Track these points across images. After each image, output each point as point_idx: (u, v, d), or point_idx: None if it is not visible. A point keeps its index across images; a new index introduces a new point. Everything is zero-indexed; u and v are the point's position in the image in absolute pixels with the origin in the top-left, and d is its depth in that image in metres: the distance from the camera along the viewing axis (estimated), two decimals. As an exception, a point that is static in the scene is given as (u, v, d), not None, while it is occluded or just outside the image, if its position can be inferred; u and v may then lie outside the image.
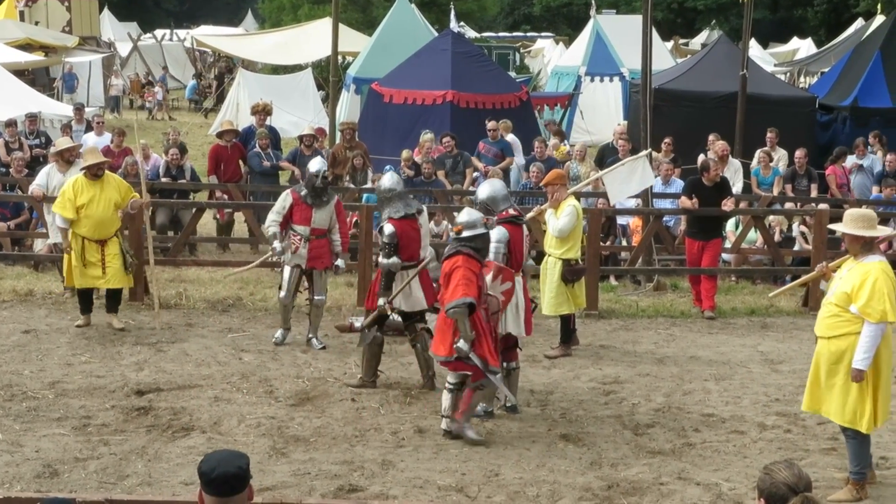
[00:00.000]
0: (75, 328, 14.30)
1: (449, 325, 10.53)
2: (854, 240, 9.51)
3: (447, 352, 10.61)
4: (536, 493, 9.57)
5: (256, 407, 11.67)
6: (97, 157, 14.46)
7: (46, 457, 10.13)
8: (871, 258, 9.47)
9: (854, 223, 9.53)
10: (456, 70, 24.76)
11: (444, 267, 10.69)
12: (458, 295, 10.27)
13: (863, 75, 23.73)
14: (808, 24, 63.26)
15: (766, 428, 11.37)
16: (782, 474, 5.26)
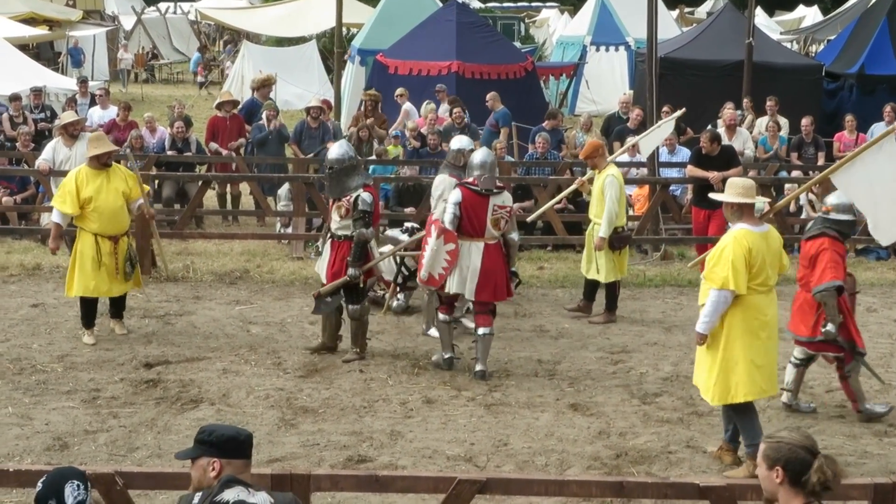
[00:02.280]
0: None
1: (812, 307, 10.42)
2: (727, 206, 9.58)
3: (810, 332, 10.49)
4: (545, 463, 9.61)
5: (265, 379, 11.71)
6: (106, 146, 13.34)
7: (56, 430, 10.19)
8: (736, 226, 9.46)
9: (730, 190, 9.57)
10: (461, 41, 24.74)
11: (808, 248, 10.57)
12: (826, 278, 10.15)
13: (869, 42, 23.67)
14: (814, -8, 63.07)
15: (774, 396, 11.37)
16: (795, 439, 5.21)
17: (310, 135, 18.95)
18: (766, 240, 9.39)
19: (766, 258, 9.31)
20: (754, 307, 9.36)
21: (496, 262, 12.04)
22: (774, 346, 9.57)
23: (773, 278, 9.48)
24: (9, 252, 17.18)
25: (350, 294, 11.92)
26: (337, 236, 11.98)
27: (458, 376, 11.82)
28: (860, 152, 11.23)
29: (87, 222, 12.66)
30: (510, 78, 24.74)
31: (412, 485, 6.99)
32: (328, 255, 12.16)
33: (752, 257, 9.21)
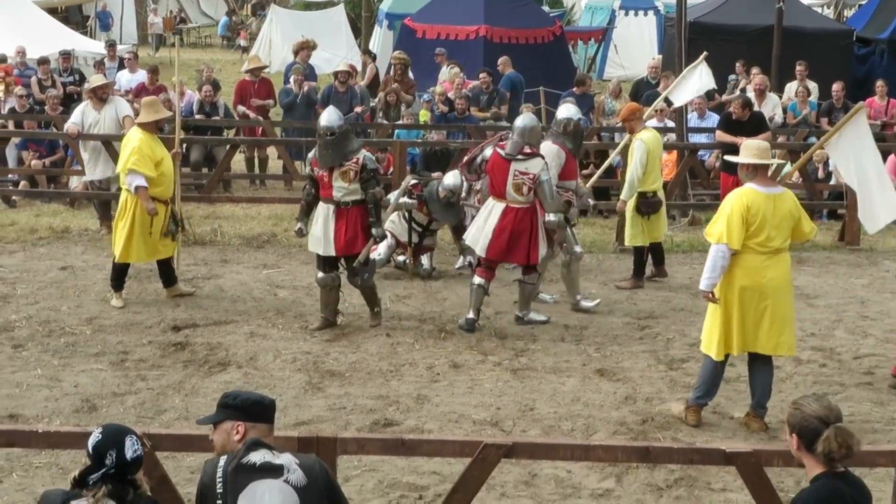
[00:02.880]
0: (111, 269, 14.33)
1: None
2: (741, 168, 9.65)
3: None
4: (571, 428, 9.61)
5: (292, 342, 11.73)
6: (163, 111, 13.43)
7: (85, 391, 10.25)
8: (745, 186, 9.50)
9: (745, 151, 9.64)
10: (489, 5, 24.71)
11: None
12: None
13: (900, 8, 23.56)
14: (846, -44, 62.63)
15: (802, 363, 11.35)
16: (812, 407, 5.25)
17: (338, 99, 18.91)
18: (773, 201, 9.33)
19: (769, 219, 9.26)
20: (752, 267, 9.38)
21: (516, 225, 12.03)
22: (777, 309, 9.42)
23: (777, 240, 9.36)
24: (38, 215, 17.28)
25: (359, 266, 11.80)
26: (344, 203, 11.63)
27: (484, 341, 11.82)
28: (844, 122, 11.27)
29: (155, 186, 12.60)
30: (538, 42, 24.68)
31: (438, 448, 7.01)
32: (332, 226, 11.76)
33: (751, 215, 9.22)
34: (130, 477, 4.80)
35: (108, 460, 4.76)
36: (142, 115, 13.01)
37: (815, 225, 16.48)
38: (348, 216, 11.64)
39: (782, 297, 9.50)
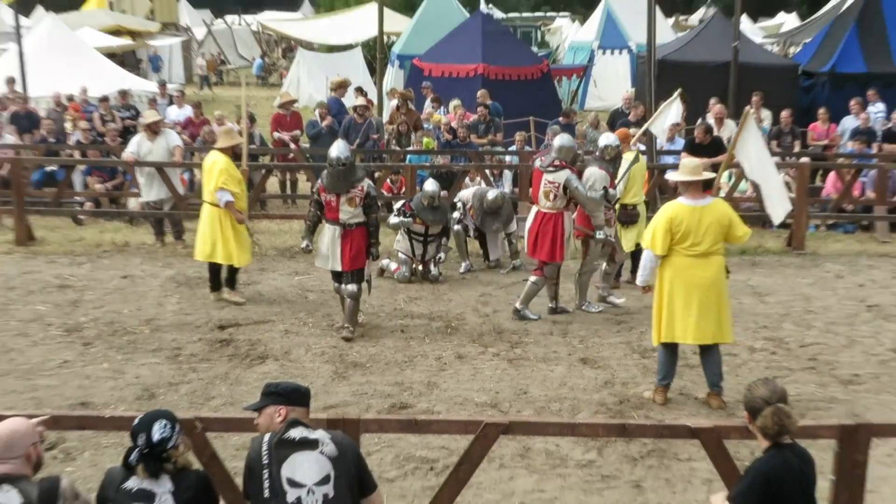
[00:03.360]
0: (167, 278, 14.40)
1: None
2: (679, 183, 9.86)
3: None
4: (559, 408, 9.67)
5: (320, 338, 11.80)
6: (237, 138, 13.52)
7: (145, 382, 10.31)
8: (675, 200, 9.80)
9: (680, 170, 9.86)
10: (486, 46, 24.74)
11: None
12: None
13: (840, 45, 23.51)
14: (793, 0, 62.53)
15: (756, 350, 11.41)
16: (759, 391, 5.35)
17: (356, 129, 18.94)
18: (699, 212, 9.41)
19: (693, 228, 9.35)
20: (680, 267, 9.48)
21: (545, 227, 12.29)
22: (708, 305, 9.44)
23: (704, 245, 9.39)
24: (101, 231, 17.34)
25: (353, 276, 11.65)
26: (349, 225, 11.53)
27: (484, 335, 11.87)
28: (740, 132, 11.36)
29: (239, 202, 12.91)
30: (529, 79, 24.71)
31: (446, 427, 7.05)
32: (339, 245, 11.60)
33: (675, 225, 9.37)
34: (164, 455, 4.85)
35: (140, 441, 4.83)
36: (220, 142, 13.21)
37: (767, 232, 16.67)
38: (353, 236, 11.56)
39: (711, 294, 9.48)
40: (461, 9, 33.88)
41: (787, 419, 5.23)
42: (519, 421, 7.13)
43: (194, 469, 5.12)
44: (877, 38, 23.41)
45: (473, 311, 12.86)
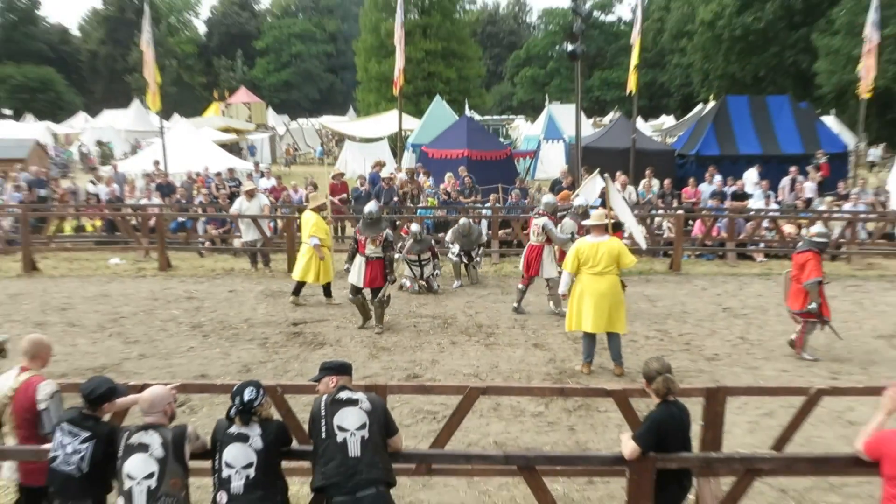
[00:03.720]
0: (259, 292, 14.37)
1: (802, 292, 10.22)
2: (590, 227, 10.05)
3: (800, 307, 10.27)
4: (519, 377, 9.64)
5: (361, 331, 11.76)
6: (322, 200, 13.71)
7: (243, 361, 10.28)
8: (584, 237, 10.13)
9: (592, 218, 10.20)
10: (469, 138, 24.78)
11: (799, 258, 10.33)
12: (812, 276, 10.07)
13: (702, 136, 23.55)
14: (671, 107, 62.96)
15: (649, 338, 11.39)
16: (654, 364, 5.33)
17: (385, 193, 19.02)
18: (596, 246, 9.75)
19: (592, 256, 9.68)
20: (585, 282, 9.75)
21: (531, 254, 12.73)
22: (601, 306, 9.61)
23: (600, 267, 9.65)
24: (216, 261, 17.35)
25: (377, 290, 11.69)
26: (371, 258, 11.62)
27: (469, 329, 11.81)
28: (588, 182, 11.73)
29: (325, 241, 13.16)
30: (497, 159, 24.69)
31: (443, 390, 7.02)
32: (364, 270, 11.65)
33: (580, 254, 9.78)
34: (252, 410, 4.81)
35: (237, 401, 4.82)
36: (311, 203, 13.59)
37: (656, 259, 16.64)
38: (373, 266, 11.66)
39: (604, 300, 9.64)
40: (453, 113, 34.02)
41: (671, 384, 5.22)
42: (492, 385, 7.11)
43: (275, 419, 5.09)
44: (726, 132, 23.47)
45: (462, 313, 12.83)
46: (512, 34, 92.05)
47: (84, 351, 10.73)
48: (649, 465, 5.03)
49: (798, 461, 5.36)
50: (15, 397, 5.43)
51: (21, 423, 5.40)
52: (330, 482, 4.76)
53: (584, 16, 20.23)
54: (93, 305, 13.28)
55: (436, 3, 56.01)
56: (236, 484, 4.71)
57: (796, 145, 22.95)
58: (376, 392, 5.52)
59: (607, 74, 68.74)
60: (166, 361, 10.29)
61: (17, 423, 5.42)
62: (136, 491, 4.61)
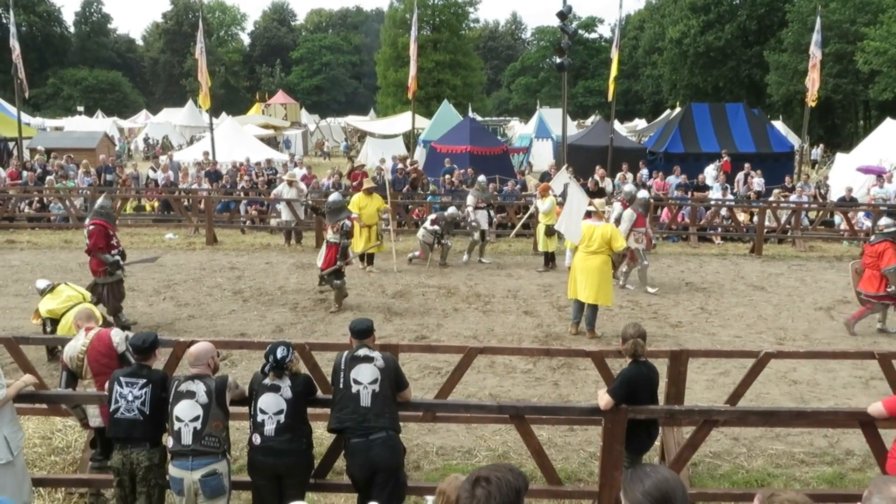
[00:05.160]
0: (291, 264, 14.25)
1: (878, 277, 9.86)
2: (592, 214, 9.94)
3: (875, 290, 9.90)
4: (511, 339, 9.55)
5: (376, 298, 11.67)
6: (371, 184, 14.10)
7: (276, 322, 10.21)
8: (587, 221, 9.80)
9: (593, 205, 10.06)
10: (472, 135, 24.56)
11: (876, 248, 9.91)
12: (892, 263, 9.73)
13: (670, 136, 23.36)
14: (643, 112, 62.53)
15: (623, 308, 11.28)
16: (630, 329, 5.23)
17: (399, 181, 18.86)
18: (593, 228, 9.67)
19: (587, 237, 9.61)
20: (580, 258, 9.68)
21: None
22: (591, 280, 9.51)
23: (593, 247, 9.56)
24: (255, 238, 17.22)
25: (336, 273, 10.84)
26: (330, 242, 10.85)
27: (469, 298, 11.73)
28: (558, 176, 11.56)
29: (362, 217, 12.98)
30: (496, 154, 24.50)
31: (447, 349, 6.94)
32: (324, 253, 10.93)
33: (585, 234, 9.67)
34: (284, 365, 4.73)
35: (270, 358, 4.73)
36: (364, 186, 13.80)
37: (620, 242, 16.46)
38: (330, 249, 10.87)
39: (594, 276, 9.56)
40: (458, 115, 33.75)
41: (641, 347, 5.12)
42: (488, 346, 7.03)
43: (303, 373, 5.01)
44: (690, 133, 23.27)
45: (464, 284, 12.73)
46: (509, 48, 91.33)
47: (142, 311, 10.69)
48: (622, 415, 4.94)
49: (749, 414, 5.27)
50: (89, 352, 5.53)
51: (100, 371, 5.47)
52: (343, 426, 4.72)
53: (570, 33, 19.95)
54: (150, 273, 13.22)
55: (445, 21, 55.73)
56: (269, 427, 4.65)
57: (749, 145, 22.75)
58: (390, 351, 5.44)
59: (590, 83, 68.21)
60: (211, 322, 10.23)
61: (96, 372, 5.50)
62: (184, 431, 4.57)
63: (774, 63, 45.35)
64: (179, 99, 64.61)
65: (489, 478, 2.15)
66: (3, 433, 4.66)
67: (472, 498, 2.13)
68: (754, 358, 6.14)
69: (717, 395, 7.65)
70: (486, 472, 2.19)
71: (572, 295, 9.84)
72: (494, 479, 2.15)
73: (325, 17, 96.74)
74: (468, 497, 2.14)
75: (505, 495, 2.12)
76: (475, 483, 2.16)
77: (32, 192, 18.67)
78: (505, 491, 2.13)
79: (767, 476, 6.09)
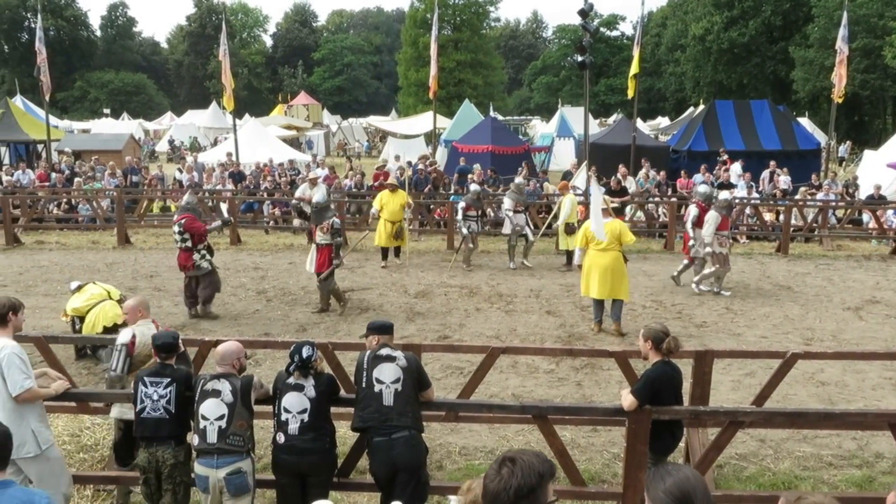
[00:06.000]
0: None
1: None
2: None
3: None
4: (534, 339, 9.52)
5: (399, 297, 11.68)
6: (394, 182, 14.50)
7: (300, 322, 10.27)
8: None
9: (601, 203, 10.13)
10: (493, 134, 24.59)
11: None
12: None
13: (693, 134, 23.16)
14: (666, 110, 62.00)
15: (646, 307, 11.21)
16: (657, 328, 5.18)
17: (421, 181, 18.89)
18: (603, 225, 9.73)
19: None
20: (593, 256, 9.80)
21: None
22: (605, 276, 9.65)
23: (603, 244, 9.67)
24: (278, 238, 17.34)
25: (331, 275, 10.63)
26: (320, 244, 10.57)
27: (492, 297, 11.71)
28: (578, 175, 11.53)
29: (384, 213, 13.73)
30: (516, 153, 24.48)
31: (469, 349, 6.93)
32: (314, 256, 10.69)
33: (589, 233, 9.85)
34: (309, 364, 4.75)
35: (296, 358, 4.75)
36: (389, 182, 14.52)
37: (653, 240, 16.40)
38: (321, 251, 10.65)
39: (607, 271, 9.69)
40: (479, 114, 33.69)
41: (678, 344, 5.09)
42: (511, 346, 7.01)
43: (326, 372, 5.03)
44: (714, 131, 23.05)
45: (486, 284, 12.71)
46: (530, 47, 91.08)
47: (167, 311, 10.80)
48: (645, 416, 4.90)
49: (776, 415, 5.20)
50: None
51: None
52: (366, 425, 4.74)
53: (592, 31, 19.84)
54: (175, 273, 13.28)
55: (466, 20, 55.69)
56: (292, 426, 4.68)
57: (775, 142, 22.48)
58: (412, 351, 5.44)
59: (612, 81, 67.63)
60: (236, 321, 10.31)
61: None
62: (210, 430, 4.61)
63: (800, 59, 44.79)
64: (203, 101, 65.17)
65: (515, 459, 2.28)
66: (31, 427, 4.74)
67: (497, 475, 2.26)
68: (781, 359, 6.06)
69: (742, 396, 7.56)
70: (514, 454, 2.32)
71: (585, 293, 9.98)
72: (520, 461, 2.27)
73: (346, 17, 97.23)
74: (494, 475, 2.27)
75: (527, 476, 2.23)
76: (501, 463, 2.29)
77: (61, 194, 18.95)
78: (528, 472, 2.24)
79: (794, 479, 6.01)
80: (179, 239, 10.32)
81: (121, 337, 5.59)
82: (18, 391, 4.68)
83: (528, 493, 2.21)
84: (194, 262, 10.32)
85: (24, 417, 4.73)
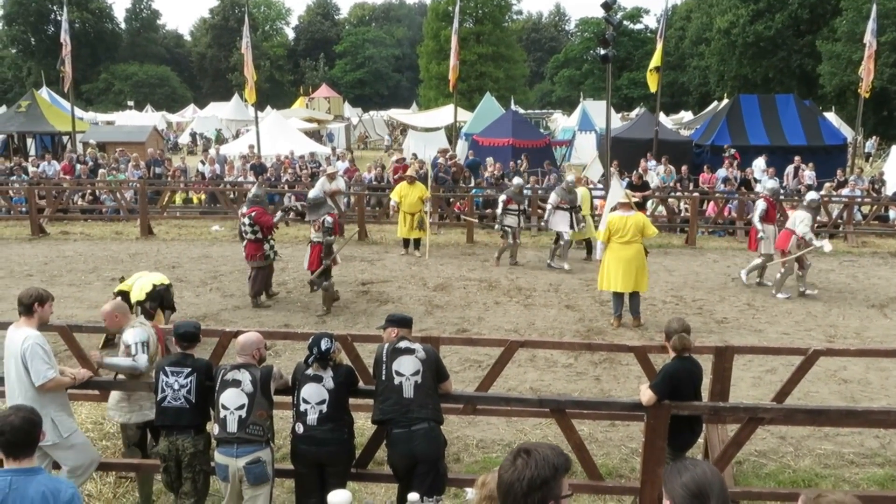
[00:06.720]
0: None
1: None
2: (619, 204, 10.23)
3: None
4: (553, 333, 9.51)
5: (418, 290, 11.71)
6: (412, 173, 14.73)
7: (319, 313, 10.31)
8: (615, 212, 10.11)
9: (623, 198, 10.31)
10: (514, 128, 24.55)
11: None
12: None
13: (717, 128, 22.94)
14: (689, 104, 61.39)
15: (666, 302, 11.14)
16: (673, 324, 5.16)
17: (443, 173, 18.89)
18: (625, 219, 9.82)
19: (621, 228, 9.76)
20: (615, 249, 9.84)
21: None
22: (629, 269, 9.70)
23: (627, 237, 9.73)
24: (298, 229, 17.39)
25: (324, 274, 10.45)
26: (313, 241, 10.46)
27: (511, 291, 11.71)
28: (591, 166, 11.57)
29: (403, 205, 13.94)
30: (537, 147, 24.39)
31: (488, 342, 6.95)
32: (308, 253, 10.61)
33: (612, 227, 9.85)
34: (327, 356, 4.77)
35: (315, 349, 4.77)
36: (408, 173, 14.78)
37: (674, 235, 16.30)
38: (314, 248, 10.47)
39: (631, 264, 9.73)
40: (500, 108, 33.60)
41: (687, 341, 5.06)
42: (529, 340, 7.01)
43: (345, 364, 5.07)
44: (738, 125, 22.81)
45: (505, 277, 12.70)
46: (552, 40, 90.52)
47: (189, 302, 10.90)
48: (664, 411, 4.88)
49: (796, 412, 5.16)
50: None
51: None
52: (387, 417, 4.76)
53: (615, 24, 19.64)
54: (197, 264, 13.49)
55: (488, 13, 55.50)
56: (311, 417, 4.72)
57: (800, 137, 22.20)
58: (431, 343, 5.46)
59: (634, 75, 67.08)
60: (256, 312, 10.39)
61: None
62: (230, 419, 4.66)
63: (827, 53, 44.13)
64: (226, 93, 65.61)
65: (530, 450, 2.30)
66: (51, 416, 4.82)
67: (512, 466, 2.28)
68: (802, 355, 6.01)
69: (763, 392, 7.50)
70: (530, 446, 2.34)
71: (605, 287, 9.96)
72: (535, 453, 2.28)
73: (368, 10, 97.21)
74: (508, 465, 2.30)
75: (541, 468, 2.24)
76: (517, 454, 2.31)
77: (85, 185, 19.19)
78: (542, 464, 2.25)
79: (815, 476, 5.97)
80: (250, 231, 10.58)
81: (133, 336, 5.41)
82: (42, 381, 4.76)
83: (541, 484, 2.22)
84: (264, 253, 10.61)
85: (44, 407, 4.81)
